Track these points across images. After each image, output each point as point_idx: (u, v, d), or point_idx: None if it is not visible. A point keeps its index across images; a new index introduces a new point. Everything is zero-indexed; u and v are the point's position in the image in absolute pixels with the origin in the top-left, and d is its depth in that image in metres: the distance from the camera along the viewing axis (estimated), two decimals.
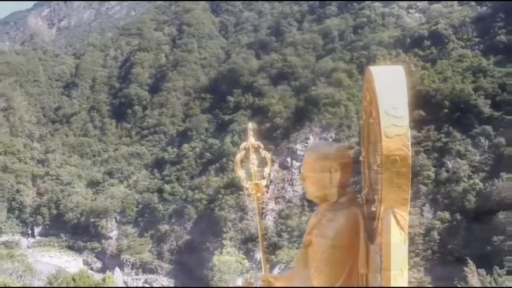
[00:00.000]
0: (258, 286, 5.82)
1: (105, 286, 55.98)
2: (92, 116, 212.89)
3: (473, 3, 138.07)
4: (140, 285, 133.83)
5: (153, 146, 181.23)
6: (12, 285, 50.85)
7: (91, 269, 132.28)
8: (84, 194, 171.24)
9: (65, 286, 57.58)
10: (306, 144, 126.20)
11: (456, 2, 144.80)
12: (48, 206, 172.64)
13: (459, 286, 48.46)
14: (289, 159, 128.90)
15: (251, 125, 6.41)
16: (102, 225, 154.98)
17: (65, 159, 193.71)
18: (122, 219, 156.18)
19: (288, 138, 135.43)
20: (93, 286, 54.04)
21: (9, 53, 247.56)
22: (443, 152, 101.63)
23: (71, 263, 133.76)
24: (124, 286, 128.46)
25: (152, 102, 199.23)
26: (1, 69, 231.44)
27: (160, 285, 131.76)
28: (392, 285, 4.47)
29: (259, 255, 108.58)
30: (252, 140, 6.20)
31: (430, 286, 77.76)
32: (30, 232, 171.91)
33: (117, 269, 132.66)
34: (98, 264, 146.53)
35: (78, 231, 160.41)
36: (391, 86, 4.45)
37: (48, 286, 68.10)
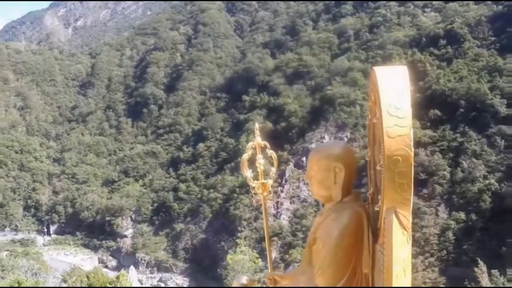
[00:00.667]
0: (263, 284, 5.86)
1: (119, 283, 56.15)
2: (108, 115, 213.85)
3: (489, 1, 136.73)
4: (155, 283, 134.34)
5: (168, 145, 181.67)
6: (26, 283, 51.12)
7: (106, 267, 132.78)
8: (100, 192, 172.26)
9: (79, 284, 57.86)
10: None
11: (472, 1, 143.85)
12: (64, 204, 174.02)
13: (469, 286, 48.13)
14: (304, 159, 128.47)
15: (257, 125, 6.45)
16: (117, 223, 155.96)
17: (81, 158, 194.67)
18: (138, 218, 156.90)
19: (304, 138, 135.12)
20: (107, 283, 54.23)
21: (25, 53, 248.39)
22: (459, 152, 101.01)
23: (86, 261, 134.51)
24: (139, 284, 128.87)
25: (167, 101, 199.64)
26: (17, 68, 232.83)
27: (175, 284, 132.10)
28: (394, 285, 4.48)
29: (273, 254, 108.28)
30: (258, 139, 6.23)
31: (441, 286, 77.47)
32: (46, 230, 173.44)
33: (132, 267, 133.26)
34: (113, 262, 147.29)
35: (94, 230, 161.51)
36: (394, 86, 4.47)
37: (62, 283, 68.45)
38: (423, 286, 79.23)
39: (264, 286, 6.24)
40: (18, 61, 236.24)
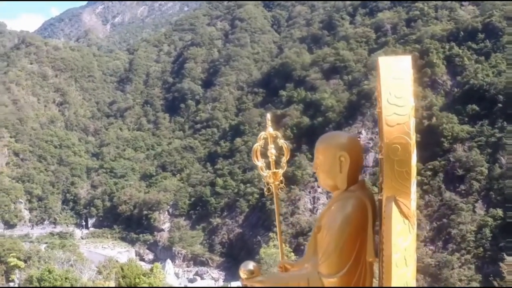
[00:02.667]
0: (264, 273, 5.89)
1: (153, 275, 56.72)
2: (146, 111, 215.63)
3: None
4: (191, 277, 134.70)
5: (206, 140, 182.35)
6: (58, 271, 52.19)
7: (143, 260, 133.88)
8: (138, 186, 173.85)
9: (114, 275, 58.55)
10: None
11: None
12: (102, 198, 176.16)
13: (496, 283, 47.38)
14: None
15: (269, 116, 6.49)
16: (154, 217, 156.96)
17: (119, 152, 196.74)
18: (175, 212, 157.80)
19: None
20: (141, 275, 54.72)
21: (64, 50, 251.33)
22: (497, 148, 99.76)
23: (123, 254, 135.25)
24: (175, 278, 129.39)
25: (205, 97, 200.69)
26: (56, 65, 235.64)
27: (210, 278, 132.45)
28: (393, 273, 4.51)
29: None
30: (270, 129, 6.25)
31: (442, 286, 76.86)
32: (84, 223, 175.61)
33: (168, 260, 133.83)
34: (150, 256, 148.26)
35: (131, 223, 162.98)
36: (395, 76, 4.52)
37: (97, 275, 69.14)
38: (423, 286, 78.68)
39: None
40: (57, 58, 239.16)
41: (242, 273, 5.76)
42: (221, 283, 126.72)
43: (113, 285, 54.44)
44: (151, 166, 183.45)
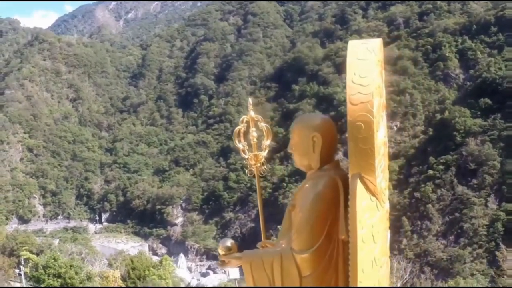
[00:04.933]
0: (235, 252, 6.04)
1: (162, 268, 57.09)
2: (159, 106, 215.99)
3: None
4: (204, 271, 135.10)
5: (218, 134, 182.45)
6: (62, 259, 52.64)
7: (156, 254, 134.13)
8: (151, 181, 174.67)
9: (124, 267, 58.82)
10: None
11: None
12: (115, 193, 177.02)
13: (493, 271, 47.30)
14: None
15: (250, 100, 6.64)
16: (167, 212, 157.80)
17: (132, 147, 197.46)
18: (188, 206, 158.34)
19: None
20: (150, 267, 55.12)
21: (77, 46, 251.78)
22: (510, 141, 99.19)
23: (137, 249, 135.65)
24: (188, 272, 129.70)
25: (218, 92, 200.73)
26: (69, 61, 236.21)
27: (223, 271, 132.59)
28: (359, 247, 4.61)
29: None
30: (252, 113, 6.43)
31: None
32: (97, 218, 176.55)
33: (181, 255, 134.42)
34: (163, 250, 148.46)
35: (144, 218, 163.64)
36: (361, 57, 4.63)
37: (108, 267, 69.51)
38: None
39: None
40: (70, 54, 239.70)
41: (220, 250, 6.03)
42: (232, 277, 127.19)
43: (120, 276, 54.68)
44: (164, 161, 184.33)
